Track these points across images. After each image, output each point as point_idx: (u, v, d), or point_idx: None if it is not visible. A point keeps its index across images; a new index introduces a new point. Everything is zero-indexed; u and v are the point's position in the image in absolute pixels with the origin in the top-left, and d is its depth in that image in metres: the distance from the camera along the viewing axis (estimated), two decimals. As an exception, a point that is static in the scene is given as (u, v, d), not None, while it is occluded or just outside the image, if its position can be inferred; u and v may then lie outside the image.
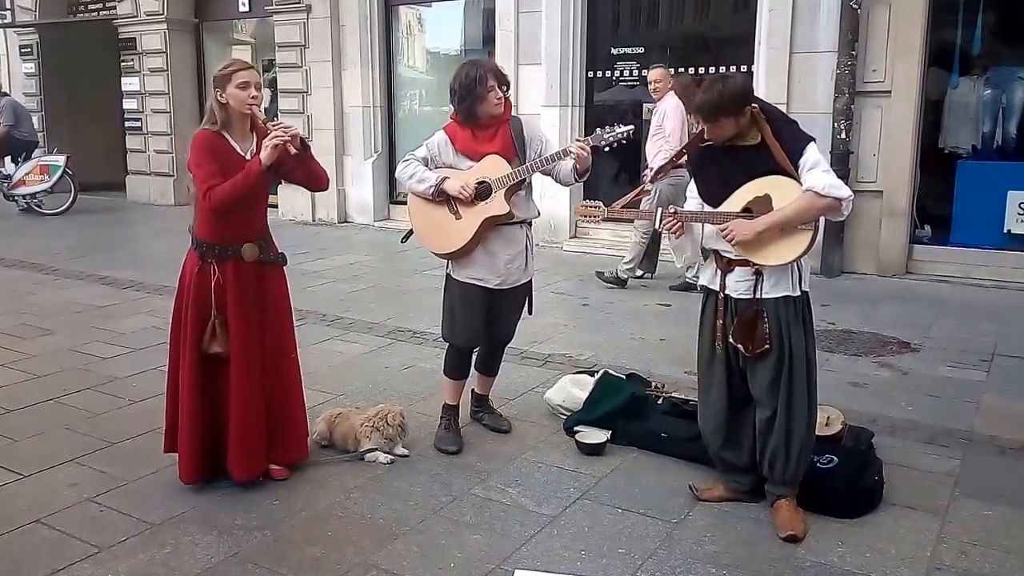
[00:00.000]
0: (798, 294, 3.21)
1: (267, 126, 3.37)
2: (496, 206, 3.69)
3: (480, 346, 4.07)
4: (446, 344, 4.07)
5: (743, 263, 3.20)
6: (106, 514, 3.34)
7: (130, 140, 13.40)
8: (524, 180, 3.75)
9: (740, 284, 3.23)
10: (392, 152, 10.85)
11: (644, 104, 8.69)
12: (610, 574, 2.95)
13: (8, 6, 14.20)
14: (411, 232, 4.00)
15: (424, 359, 5.20)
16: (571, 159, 3.70)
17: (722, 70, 8.02)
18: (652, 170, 6.82)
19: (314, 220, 11.19)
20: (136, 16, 12.73)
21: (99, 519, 3.31)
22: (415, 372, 5.04)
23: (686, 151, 3.50)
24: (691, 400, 3.91)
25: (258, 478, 3.56)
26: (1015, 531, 3.21)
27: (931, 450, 3.93)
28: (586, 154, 3.64)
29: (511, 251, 3.81)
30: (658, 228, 3.38)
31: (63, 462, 3.80)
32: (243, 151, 3.42)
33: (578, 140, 3.68)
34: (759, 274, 3.19)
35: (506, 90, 3.78)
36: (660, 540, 3.16)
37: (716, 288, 3.30)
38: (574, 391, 4.29)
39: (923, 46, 7.38)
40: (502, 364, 4.25)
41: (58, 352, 5.46)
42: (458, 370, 4.07)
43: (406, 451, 3.87)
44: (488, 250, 3.78)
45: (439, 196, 3.76)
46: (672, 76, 7.25)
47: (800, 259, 3.16)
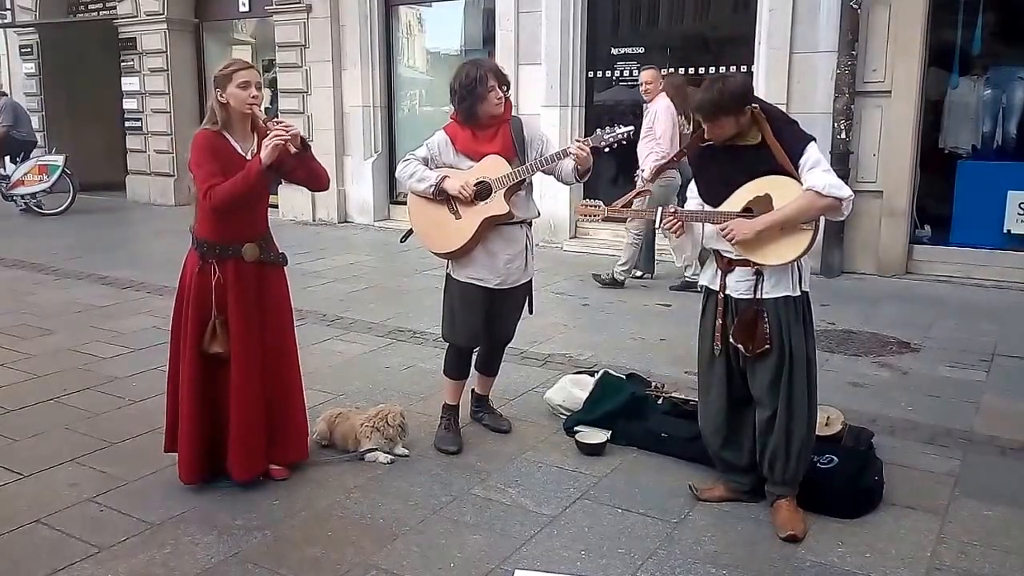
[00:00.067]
0: (798, 294, 3.21)
1: (267, 125, 3.37)
2: (496, 206, 3.69)
3: (480, 346, 4.07)
4: (446, 344, 4.07)
5: (743, 263, 3.20)
6: (106, 514, 3.34)
7: (130, 140, 13.41)
8: (524, 180, 3.75)
9: (740, 284, 3.23)
10: (392, 152, 10.85)
11: (645, 104, 8.68)
12: (610, 574, 2.95)
13: (8, 6, 14.21)
14: (411, 231, 4.00)
15: (424, 359, 5.20)
16: (571, 159, 3.70)
17: (722, 70, 8.02)
18: (644, 171, 6.89)
19: (314, 220, 11.19)
20: (136, 16, 12.74)
21: (99, 519, 3.31)
22: (415, 372, 5.04)
23: (687, 151, 3.51)
24: (691, 400, 3.91)
25: (258, 478, 3.56)
26: (1015, 531, 3.21)
27: (931, 450, 3.93)
28: (586, 155, 3.64)
29: (511, 251, 3.81)
30: (658, 227, 3.39)
31: (63, 462, 3.80)
32: (244, 151, 3.42)
33: (578, 141, 3.68)
34: (759, 274, 3.19)
35: (506, 90, 3.78)
36: (660, 540, 3.16)
37: (716, 288, 3.30)
38: (574, 391, 4.29)
39: (923, 46, 7.38)
40: (502, 364, 4.25)
41: (58, 352, 5.46)
42: (458, 370, 4.07)
43: (406, 451, 3.87)
44: (488, 250, 3.78)
45: (439, 195, 3.76)
46: (663, 77, 7.26)
47: (800, 259, 3.16)
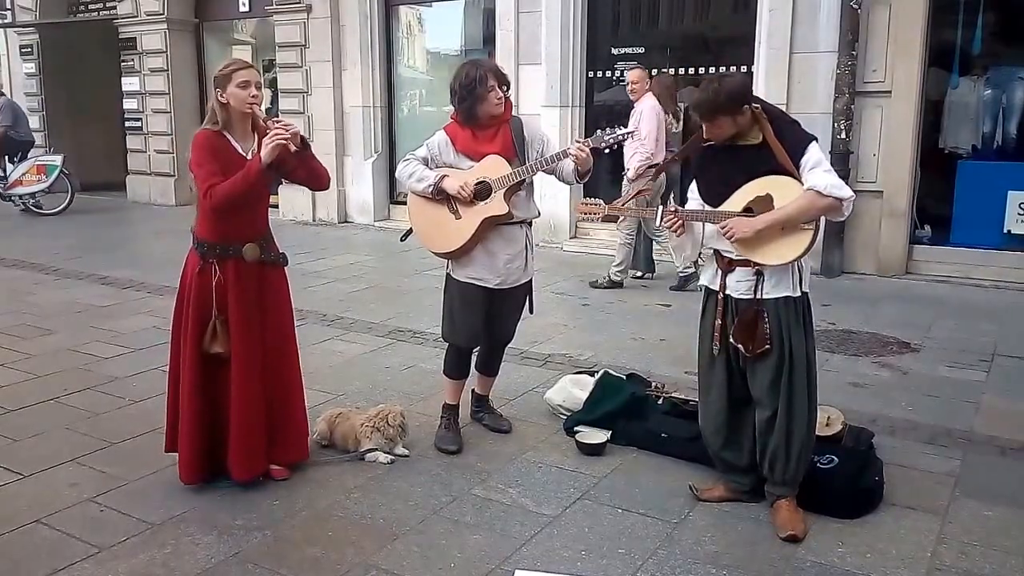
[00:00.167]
0: (798, 295, 3.21)
1: (267, 125, 3.37)
2: (496, 206, 3.69)
3: (480, 346, 4.08)
4: (446, 344, 4.07)
5: (744, 263, 3.20)
6: (106, 514, 3.34)
7: (130, 140, 13.41)
8: (524, 180, 3.75)
9: (741, 284, 3.23)
10: (392, 152, 10.86)
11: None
12: (610, 574, 2.95)
13: (8, 6, 14.20)
14: (410, 231, 4.00)
15: (424, 359, 5.20)
16: (571, 160, 3.70)
17: (722, 70, 8.03)
18: (628, 170, 6.92)
19: (314, 220, 11.19)
20: (136, 16, 12.74)
21: (99, 519, 3.31)
22: (415, 372, 5.04)
23: (688, 153, 3.51)
24: (691, 400, 3.91)
25: (258, 478, 3.56)
26: (1015, 531, 3.21)
27: (931, 450, 3.93)
28: (585, 155, 3.65)
29: (511, 251, 3.81)
30: (659, 226, 3.39)
31: (63, 462, 3.80)
32: (244, 151, 3.42)
33: (578, 142, 3.68)
34: (760, 274, 3.19)
35: (506, 90, 3.78)
36: (660, 540, 3.16)
37: (716, 288, 3.30)
38: (574, 391, 4.29)
39: (923, 46, 7.38)
40: (502, 364, 4.25)
41: (58, 352, 5.46)
42: (458, 370, 4.07)
43: (406, 451, 3.87)
44: (488, 250, 3.78)
45: (438, 195, 3.76)
46: (650, 77, 7.28)
47: (801, 259, 3.16)
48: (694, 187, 3.40)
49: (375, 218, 10.91)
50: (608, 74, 9.27)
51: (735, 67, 8.05)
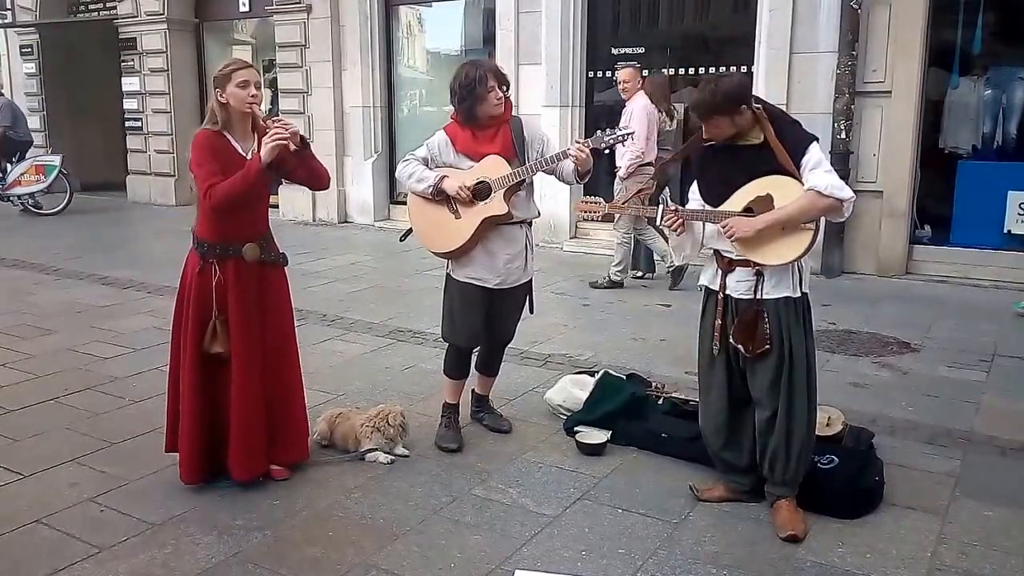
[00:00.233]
0: (798, 295, 3.21)
1: (267, 124, 3.37)
2: (495, 206, 3.69)
3: (480, 346, 4.07)
4: (446, 344, 4.07)
5: (744, 263, 3.20)
6: (106, 514, 3.34)
7: (131, 140, 13.41)
8: (524, 180, 3.75)
9: (741, 284, 3.23)
10: (392, 152, 10.86)
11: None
12: (610, 574, 2.95)
13: (8, 6, 14.21)
14: (410, 231, 4.00)
15: (424, 359, 5.20)
16: (571, 161, 3.70)
17: (722, 70, 8.03)
18: (620, 169, 6.93)
19: (314, 220, 11.19)
20: (136, 16, 12.74)
21: (99, 519, 3.31)
22: (415, 372, 5.04)
23: (689, 151, 3.51)
24: (691, 400, 3.91)
25: (258, 478, 3.56)
26: (1015, 532, 3.21)
27: (931, 450, 3.93)
28: (585, 156, 3.64)
29: (511, 251, 3.81)
30: (659, 225, 3.38)
31: (64, 462, 3.80)
32: (244, 151, 3.42)
33: (577, 142, 3.68)
34: (760, 275, 3.19)
35: (506, 90, 3.78)
36: (660, 540, 3.16)
37: (716, 288, 3.30)
38: (574, 391, 4.29)
39: (923, 46, 7.38)
40: (502, 364, 4.25)
41: (59, 352, 5.46)
42: (458, 370, 4.07)
43: (406, 451, 3.87)
44: (488, 250, 3.78)
45: (438, 195, 3.76)
46: (641, 76, 7.28)
47: (801, 259, 3.16)
48: (695, 187, 3.40)
49: (375, 218, 10.91)
50: (608, 74, 9.23)
51: (735, 67, 8.04)
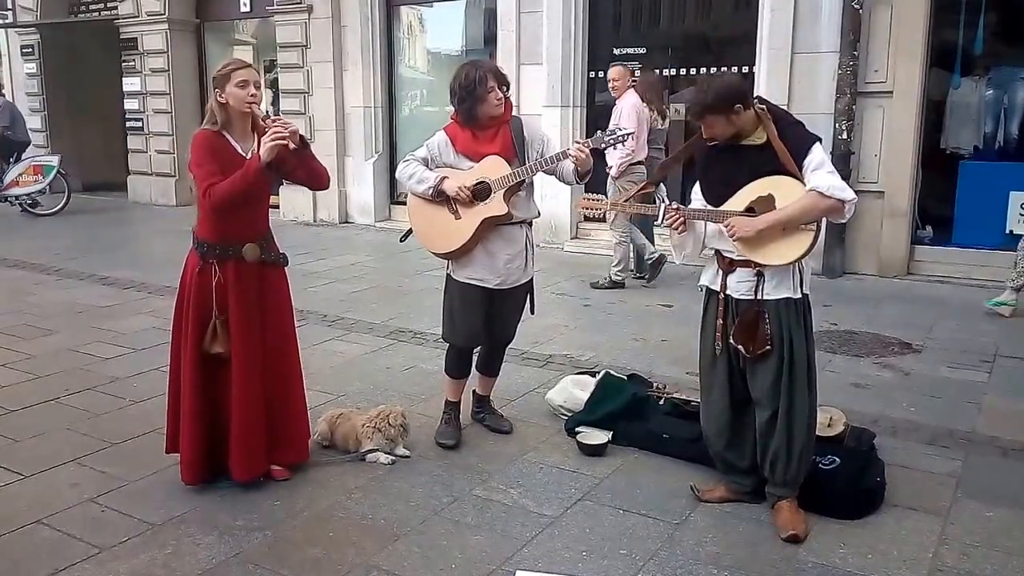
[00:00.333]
0: (799, 296, 3.20)
1: (266, 124, 3.37)
2: (495, 206, 3.69)
3: (481, 346, 4.07)
4: (447, 344, 4.07)
5: (745, 263, 3.20)
6: (107, 514, 3.34)
7: (131, 140, 13.41)
8: (524, 181, 3.75)
9: (741, 285, 3.23)
10: (393, 152, 10.86)
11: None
12: (611, 575, 2.94)
13: (10, 6, 14.22)
14: (410, 231, 4.00)
15: (425, 360, 5.20)
16: (571, 161, 3.70)
17: (723, 70, 8.01)
18: (611, 168, 6.92)
19: (315, 220, 11.19)
20: (137, 16, 12.74)
21: (100, 519, 3.31)
22: (416, 373, 5.04)
23: (690, 151, 3.50)
24: (692, 401, 3.91)
25: (259, 479, 3.56)
26: (1017, 532, 3.21)
27: (933, 451, 3.92)
28: (585, 156, 3.64)
29: (511, 251, 3.81)
30: (660, 224, 3.38)
31: (64, 462, 3.80)
32: (244, 151, 3.41)
33: (577, 142, 3.67)
34: (760, 275, 3.18)
35: (506, 91, 3.78)
36: (661, 541, 3.15)
37: (717, 288, 3.30)
38: (575, 392, 4.29)
39: (925, 46, 7.37)
40: (503, 365, 4.25)
41: (59, 352, 5.46)
42: (458, 369, 4.07)
43: (407, 452, 3.86)
44: (488, 250, 3.78)
45: (438, 196, 3.76)
46: (631, 75, 7.29)
47: (802, 260, 3.16)
48: (697, 189, 3.39)
49: (376, 218, 10.91)
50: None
51: (736, 67, 8.03)
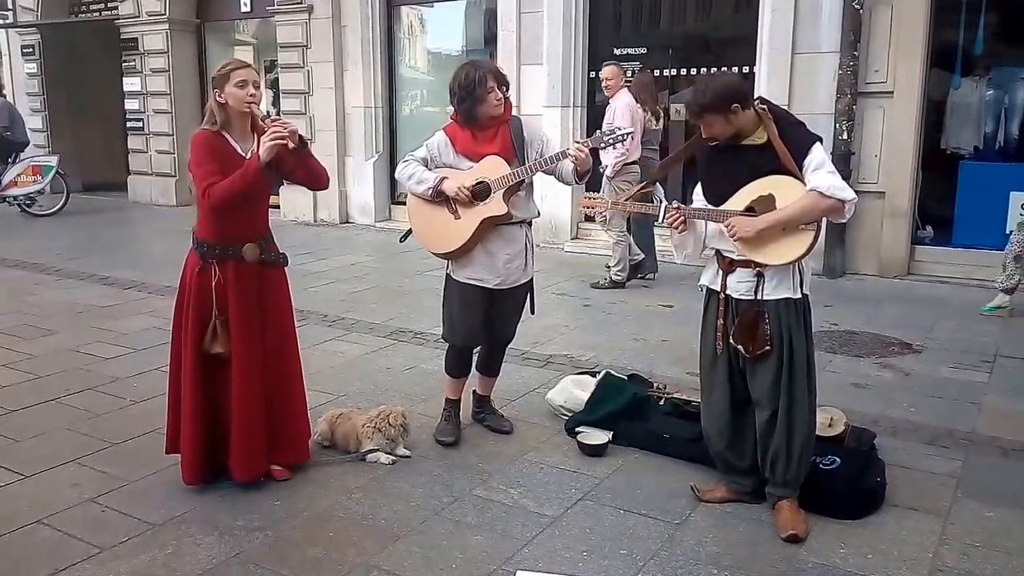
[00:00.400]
0: (799, 297, 3.20)
1: (265, 123, 3.37)
2: (495, 206, 3.69)
3: (481, 346, 4.07)
4: (447, 344, 4.07)
5: (745, 263, 3.20)
6: (107, 514, 3.34)
7: (132, 140, 13.41)
8: (523, 181, 3.75)
9: (741, 285, 3.23)
10: (393, 152, 10.85)
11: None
12: (611, 575, 2.94)
13: (10, 6, 14.22)
14: (410, 231, 4.00)
15: (426, 360, 5.20)
16: (571, 161, 3.70)
17: (723, 70, 8.01)
18: (606, 167, 6.92)
19: (315, 221, 11.19)
20: (138, 16, 12.74)
21: (100, 519, 3.31)
22: (417, 373, 5.04)
23: (690, 151, 3.50)
24: (693, 401, 3.90)
25: (259, 479, 3.56)
26: (1017, 532, 3.21)
27: (933, 451, 3.92)
28: (585, 156, 3.64)
29: (510, 251, 3.81)
30: (660, 223, 3.38)
31: (64, 462, 3.80)
32: (243, 151, 3.41)
33: (577, 142, 3.67)
34: (760, 275, 3.18)
35: (506, 91, 3.78)
36: (662, 541, 3.15)
37: (717, 288, 3.30)
38: (576, 392, 4.29)
39: (925, 47, 7.37)
40: (503, 365, 4.25)
41: (59, 352, 5.46)
42: (458, 368, 4.07)
43: (408, 452, 3.86)
44: (487, 250, 3.78)
45: (437, 197, 3.76)
46: (625, 75, 7.29)
47: (802, 260, 3.16)
48: (699, 189, 3.39)
49: (376, 218, 10.91)
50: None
51: (737, 67, 8.03)
